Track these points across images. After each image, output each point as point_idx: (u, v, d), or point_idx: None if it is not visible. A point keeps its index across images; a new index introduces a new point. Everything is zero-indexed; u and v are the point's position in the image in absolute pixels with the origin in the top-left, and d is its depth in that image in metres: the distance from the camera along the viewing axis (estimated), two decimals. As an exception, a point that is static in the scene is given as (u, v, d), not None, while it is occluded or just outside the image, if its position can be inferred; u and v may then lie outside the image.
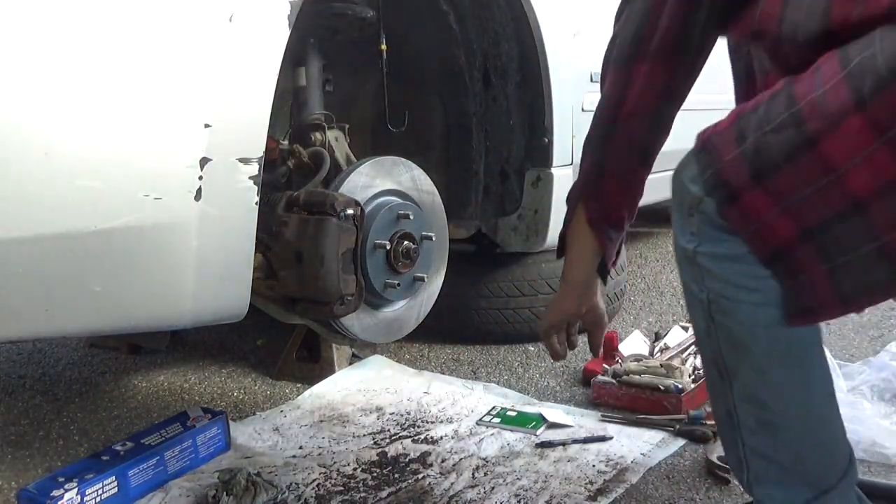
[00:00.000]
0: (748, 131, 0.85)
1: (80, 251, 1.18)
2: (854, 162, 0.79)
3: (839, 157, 0.79)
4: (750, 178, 0.85)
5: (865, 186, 0.79)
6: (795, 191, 0.83)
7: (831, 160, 0.80)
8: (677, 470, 1.48)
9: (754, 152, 0.84)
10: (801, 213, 0.84)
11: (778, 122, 0.83)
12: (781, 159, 0.83)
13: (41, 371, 2.20)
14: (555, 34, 2.03)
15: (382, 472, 1.49)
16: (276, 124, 1.96)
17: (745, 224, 0.87)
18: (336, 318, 1.69)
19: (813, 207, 0.82)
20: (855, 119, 0.77)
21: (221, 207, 1.31)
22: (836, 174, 0.80)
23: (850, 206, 0.80)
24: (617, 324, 2.47)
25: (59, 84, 1.15)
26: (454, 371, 2.09)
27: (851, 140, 0.78)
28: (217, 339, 2.41)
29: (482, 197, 2.22)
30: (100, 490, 1.36)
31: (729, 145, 0.87)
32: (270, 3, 1.37)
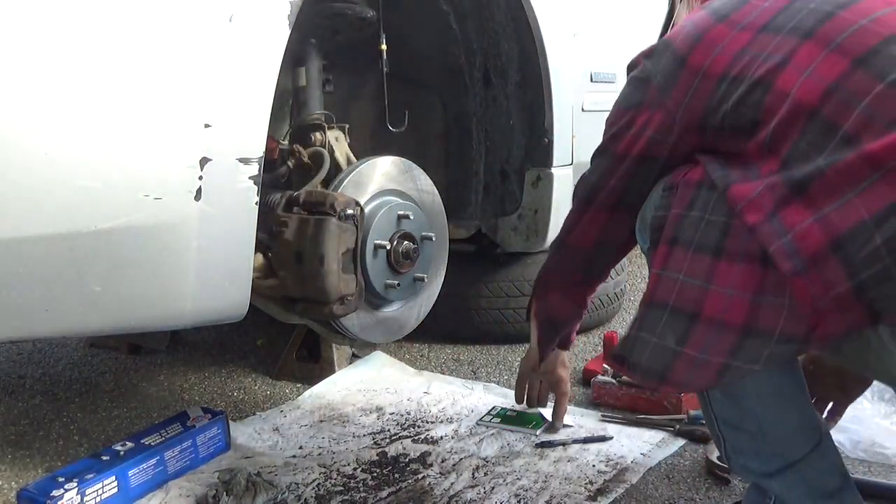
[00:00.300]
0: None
1: (80, 251, 1.18)
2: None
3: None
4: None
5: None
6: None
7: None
8: (677, 470, 1.48)
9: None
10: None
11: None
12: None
13: (41, 371, 2.20)
14: (555, 34, 2.03)
15: (382, 472, 1.49)
16: (276, 124, 1.96)
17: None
18: (336, 318, 1.69)
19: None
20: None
21: (221, 207, 1.31)
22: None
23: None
24: (617, 324, 2.47)
25: (60, 84, 1.15)
26: (454, 371, 2.09)
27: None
28: (217, 339, 2.41)
29: (482, 197, 2.22)
30: (100, 490, 1.36)
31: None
32: (270, 4, 1.37)
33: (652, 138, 1.09)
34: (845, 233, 0.82)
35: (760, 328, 0.89)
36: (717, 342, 0.92)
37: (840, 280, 0.83)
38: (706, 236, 0.94)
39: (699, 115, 1.02)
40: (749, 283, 0.89)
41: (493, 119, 2.14)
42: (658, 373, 0.99)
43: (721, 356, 0.92)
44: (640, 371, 1.02)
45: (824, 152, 0.86)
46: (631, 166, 1.13)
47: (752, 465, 1.07)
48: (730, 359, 0.92)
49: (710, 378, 0.95)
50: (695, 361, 0.95)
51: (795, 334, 0.87)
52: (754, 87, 0.95)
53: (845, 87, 0.87)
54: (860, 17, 0.91)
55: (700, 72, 1.01)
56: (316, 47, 1.82)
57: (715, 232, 0.93)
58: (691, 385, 1.01)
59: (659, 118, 1.07)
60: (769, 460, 1.05)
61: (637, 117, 1.11)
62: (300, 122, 1.83)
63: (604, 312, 2.38)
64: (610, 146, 1.16)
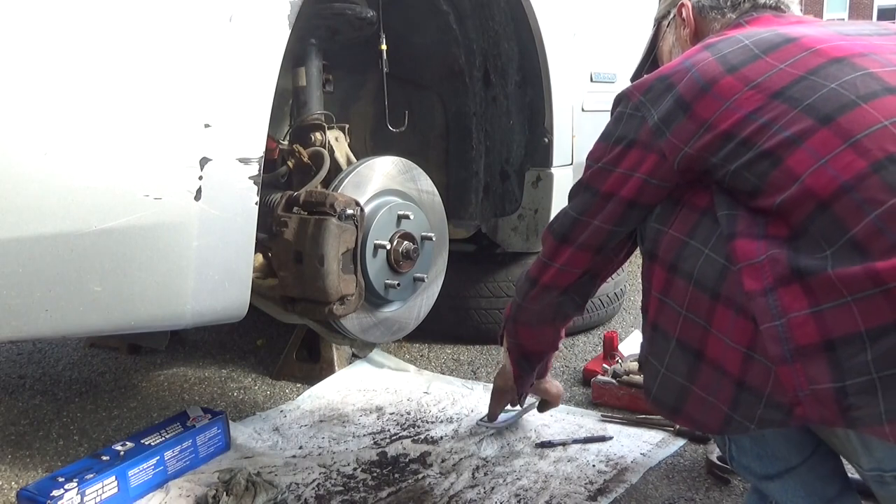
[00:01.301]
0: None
1: (80, 251, 1.18)
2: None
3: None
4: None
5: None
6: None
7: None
8: (677, 470, 1.48)
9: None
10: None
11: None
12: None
13: (41, 371, 2.20)
14: (555, 34, 2.03)
15: (382, 472, 1.49)
16: (276, 124, 1.96)
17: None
18: (336, 318, 1.68)
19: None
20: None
21: (221, 207, 1.31)
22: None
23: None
24: (617, 324, 2.47)
25: (60, 84, 1.14)
26: (454, 371, 2.09)
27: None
28: (217, 339, 2.41)
29: (482, 197, 2.22)
30: (100, 490, 1.36)
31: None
32: (270, 4, 1.37)
33: (646, 182, 1.05)
34: (839, 337, 0.82)
35: (751, 386, 0.90)
36: (720, 388, 0.92)
37: (824, 379, 0.83)
38: (705, 274, 0.94)
39: (700, 165, 0.99)
40: (743, 338, 0.90)
41: (493, 119, 2.14)
42: (671, 406, 1.00)
43: (725, 404, 0.92)
44: (652, 398, 1.02)
45: (832, 247, 0.85)
46: (618, 209, 1.09)
47: (754, 467, 1.08)
48: (731, 410, 0.92)
49: (718, 424, 0.94)
50: (705, 402, 0.95)
51: (780, 403, 0.87)
52: (762, 157, 0.92)
53: (859, 190, 0.85)
54: (883, 117, 0.88)
55: (706, 124, 0.98)
56: (316, 47, 1.82)
57: (713, 272, 0.93)
58: (703, 425, 0.98)
59: (652, 162, 1.04)
60: (770, 463, 1.05)
61: (626, 155, 1.06)
62: (300, 122, 1.83)
63: (604, 312, 2.38)
64: (594, 182, 1.11)
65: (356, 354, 2.11)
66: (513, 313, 1.33)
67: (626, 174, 1.06)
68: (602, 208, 1.10)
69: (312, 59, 1.81)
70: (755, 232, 0.91)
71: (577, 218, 1.14)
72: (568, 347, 2.25)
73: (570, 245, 1.16)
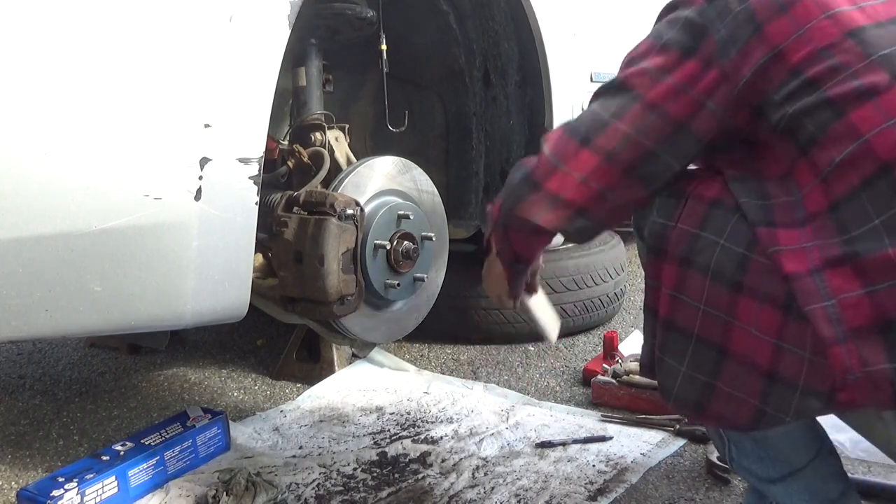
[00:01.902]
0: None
1: (80, 251, 1.18)
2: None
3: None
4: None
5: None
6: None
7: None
8: (677, 470, 1.48)
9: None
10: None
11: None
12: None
13: (41, 371, 2.20)
14: (555, 34, 2.03)
15: (382, 472, 1.49)
16: (276, 124, 1.96)
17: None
18: (336, 318, 1.68)
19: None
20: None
21: (221, 207, 1.31)
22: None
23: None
24: (617, 324, 2.47)
25: (59, 84, 1.15)
26: (454, 371, 2.09)
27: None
28: (217, 339, 2.41)
29: (482, 197, 2.22)
30: (100, 490, 1.36)
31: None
32: (270, 4, 1.37)
33: (704, 105, 0.91)
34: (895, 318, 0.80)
35: (784, 376, 0.86)
36: (748, 382, 0.89)
37: (879, 360, 0.80)
38: (722, 266, 0.89)
39: (759, 98, 0.90)
40: (771, 328, 0.86)
41: (493, 119, 2.14)
42: (693, 403, 0.95)
43: (754, 398, 0.89)
44: (673, 399, 0.97)
45: (883, 216, 0.81)
46: (665, 127, 0.92)
47: (756, 470, 1.06)
48: (762, 403, 0.88)
49: (748, 418, 0.90)
50: (732, 398, 0.91)
51: (818, 391, 0.85)
52: (826, 105, 0.86)
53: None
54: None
55: (776, 50, 0.88)
56: (316, 47, 1.82)
57: (732, 263, 0.88)
58: (730, 422, 0.93)
59: (712, 80, 0.91)
60: (772, 466, 1.04)
61: (682, 64, 0.92)
62: (300, 122, 1.83)
63: (603, 312, 2.38)
64: (636, 85, 0.94)
65: (356, 354, 2.11)
66: (502, 218, 1.09)
67: (680, 87, 0.92)
68: (644, 118, 0.93)
69: (312, 59, 1.81)
70: (795, 217, 0.86)
71: (608, 121, 0.94)
72: (568, 347, 2.25)
73: (593, 151, 0.95)
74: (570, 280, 2.25)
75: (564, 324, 2.28)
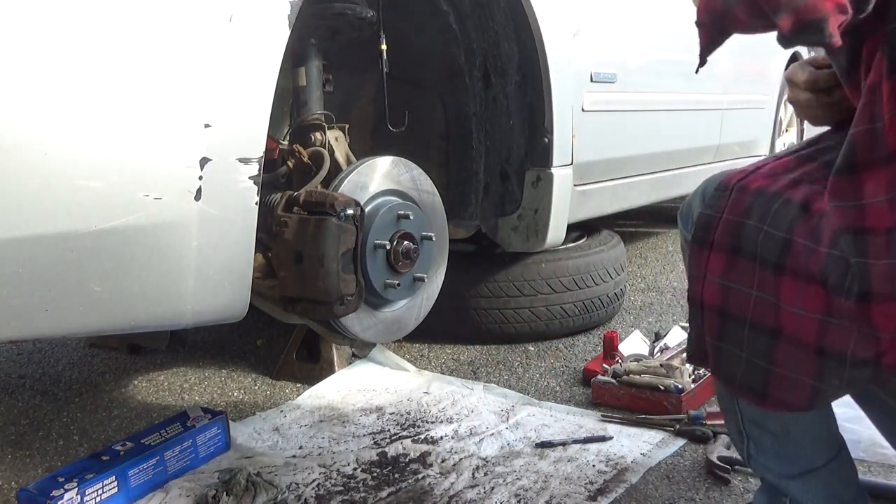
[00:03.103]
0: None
1: (80, 251, 1.18)
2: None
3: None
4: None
5: None
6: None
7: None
8: (677, 470, 1.48)
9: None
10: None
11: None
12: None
13: (41, 371, 2.20)
14: (555, 34, 2.03)
15: (382, 472, 1.49)
16: (276, 124, 1.96)
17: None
18: (336, 318, 1.68)
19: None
20: None
21: (221, 207, 1.31)
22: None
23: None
24: (617, 324, 2.47)
25: (59, 84, 1.14)
26: (454, 371, 2.09)
27: None
28: (217, 339, 2.41)
29: (482, 197, 2.22)
30: (100, 490, 1.35)
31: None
32: (270, 4, 1.37)
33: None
34: None
35: (832, 350, 0.89)
36: (802, 362, 0.91)
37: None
38: (767, 250, 0.92)
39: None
40: (815, 305, 0.89)
41: (493, 119, 2.14)
42: (758, 391, 0.96)
43: (810, 377, 0.91)
44: (738, 386, 0.98)
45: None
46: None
47: (774, 467, 1.07)
48: (817, 381, 0.91)
49: (806, 398, 0.93)
50: (789, 381, 0.93)
51: (864, 359, 0.87)
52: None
53: None
54: None
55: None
56: (316, 47, 1.82)
57: (775, 246, 0.92)
58: (790, 405, 0.96)
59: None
60: (792, 463, 1.05)
61: None
62: (300, 122, 1.83)
63: (603, 312, 2.38)
64: None
65: (356, 354, 2.11)
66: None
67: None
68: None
69: (312, 59, 1.81)
70: (877, 155, 0.85)
71: None
72: (568, 347, 2.25)
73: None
74: (570, 280, 2.25)
75: (565, 323, 2.29)
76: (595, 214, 2.49)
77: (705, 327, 1.00)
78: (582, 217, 2.39)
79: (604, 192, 2.47)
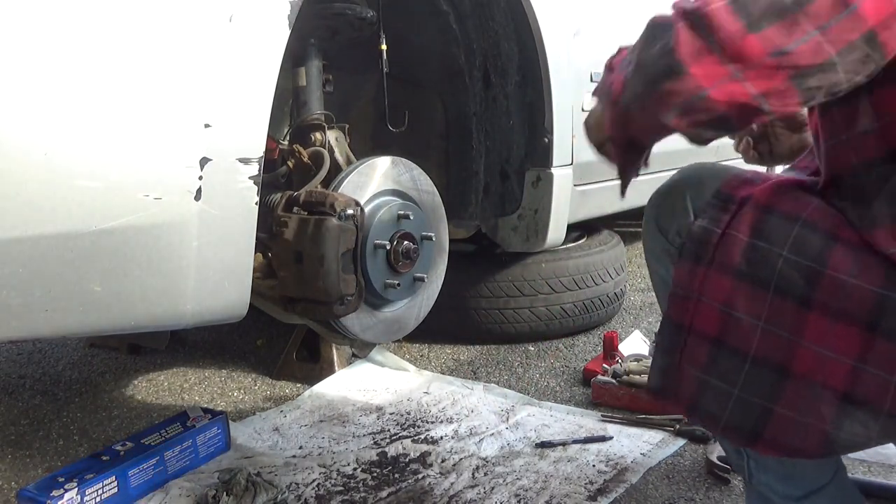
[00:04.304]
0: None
1: (80, 251, 1.18)
2: None
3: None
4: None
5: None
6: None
7: None
8: (677, 470, 1.48)
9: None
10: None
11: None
12: None
13: (41, 371, 2.20)
14: (555, 34, 2.03)
15: (382, 472, 1.49)
16: (276, 124, 1.96)
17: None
18: (336, 318, 1.68)
19: None
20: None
21: (221, 207, 1.31)
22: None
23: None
24: (617, 324, 2.47)
25: (59, 84, 1.14)
26: (454, 371, 2.09)
27: None
28: (217, 339, 2.41)
29: (482, 197, 2.22)
30: (100, 490, 1.36)
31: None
32: (270, 4, 1.37)
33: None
34: None
35: (863, 398, 0.80)
36: (819, 406, 0.82)
37: None
38: (788, 281, 0.82)
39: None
40: (850, 348, 0.80)
41: (493, 119, 2.14)
42: (749, 430, 0.86)
43: (825, 423, 0.82)
44: (723, 426, 0.88)
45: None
46: (852, 34, 0.71)
47: (777, 487, 1.00)
48: (834, 428, 0.82)
49: (819, 445, 0.83)
50: (796, 425, 0.83)
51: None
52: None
53: None
54: None
55: None
56: (316, 47, 1.81)
57: (800, 277, 0.81)
58: (796, 450, 0.85)
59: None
60: (798, 484, 0.98)
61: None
62: (300, 122, 1.83)
63: (603, 312, 2.38)
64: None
65: (356, 354, 2.11)
66: (625, 101, 0.86)
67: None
68: (834, 15, 0.70)
69: (312, 59, 1.81)
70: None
71: (791, 8, 0.71)
72: (568, 347, 2.25)
73: (763, 42, 0.72)
74: (570, 280, 2.25)
75: (565, 323, 2.29)
76: (595, 214, 2.48)
77: (685, 356, 0.89)
78: (582, 217, 2.38)
79: (604, 192, 2.47)
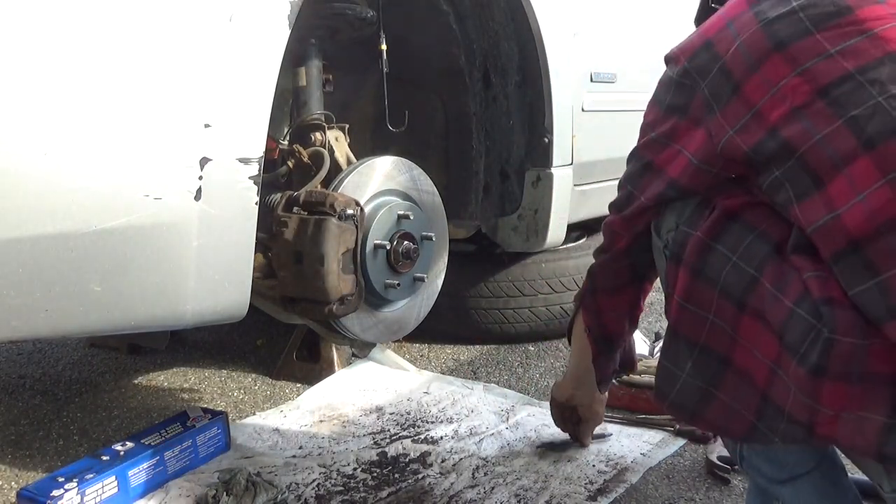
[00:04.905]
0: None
1: (80, 251, 1.18)
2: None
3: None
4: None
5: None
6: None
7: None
8: (677, 470, 1.48)
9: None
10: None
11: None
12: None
13: (41, 371, 2.20)
14: (555, 34, 2.03)
15: (382, 472, 1.49)
16: (276, 124, 1.96)
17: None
18: (336, 318, 1.69)
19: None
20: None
21: (221, 207, 1.31)
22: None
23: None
24: (617, 324, 2.47)
25: (59, 84, 1.15)
26: (454, 371, 2.09)
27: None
28: (217, 339, 2.41)
29: (482, 197, 2.22)
30: (100, 490, 1.35)
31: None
32: (270, 4, 1.37)
33: (692, 164, 0.98)
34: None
35: (774, 401, 0.88)
36: (746, 397, 0.91)
37: (879, 410, 0.79)
38: (731, 283, 0.91)
39: (742, 154, 0.93)
40: (769, 352, 0.88)
41: (493, 119, 2.14)
42: (689, 409, 0.98)
43: (750, 413, 0.91)
44: (670, 404, 1.00)
45: (854, 289, 0.81)
46: (660, 186, 1.03)
47: (764, 469, 1.06)
48: (757, 419, 0.91)
49: (743, 430, 0.93)
50: (729, 409, 0.93)
51: (799, 421, 0.86)
52: (804, 172, 0.86)
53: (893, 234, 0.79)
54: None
55: (754, 109, 0.91)
56: (316, 47, 1.82)
57: (741, 282, 0.90)
58: (725, 431, 0.98)
59: (699, 141, 0.97)
60: (780, 468, 1.04)
61: (678, 128, 1.01)
62: (300, 122, 1.83)
63: (604, 312, 2.38)
64: (648, 153, 1.06)
65: (356, 354, 2.11)
66: (586, 288, 1.30)
67: (677, 152, 1.01)
68: (656, 182, 1.04)
69: (312, 59, 1.81)
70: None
71: (631, 191, 1.10)
72: (568, 347, 2.24)
73: (622, 216, 1.14)
74: (570, 280, 2.25)
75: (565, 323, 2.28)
76: (595, 214, 2.48)
77: (663, 342, 1.02)
78: (582, 217, 2.38)
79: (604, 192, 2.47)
